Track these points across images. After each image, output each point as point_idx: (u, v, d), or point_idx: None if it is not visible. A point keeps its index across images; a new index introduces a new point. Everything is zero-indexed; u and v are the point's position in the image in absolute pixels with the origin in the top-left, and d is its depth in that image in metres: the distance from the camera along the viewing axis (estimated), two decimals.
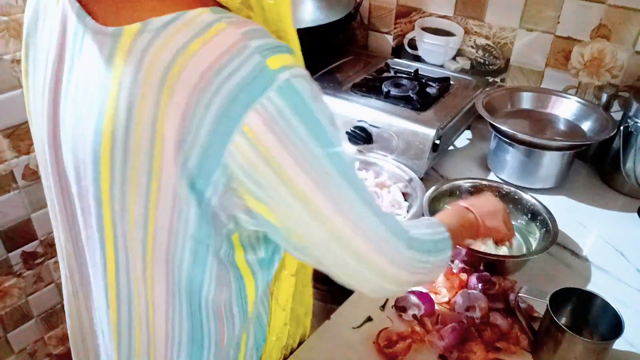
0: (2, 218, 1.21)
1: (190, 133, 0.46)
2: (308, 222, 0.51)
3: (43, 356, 1.45)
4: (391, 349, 0.75)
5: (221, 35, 0.46)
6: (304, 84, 0.48)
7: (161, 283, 0.56)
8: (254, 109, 0.45)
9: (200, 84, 0.45)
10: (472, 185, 1.04)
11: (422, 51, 1.45)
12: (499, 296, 0.82)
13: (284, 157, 0.47)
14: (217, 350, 0.63)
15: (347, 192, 0.52)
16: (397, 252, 0.57)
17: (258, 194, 0.49)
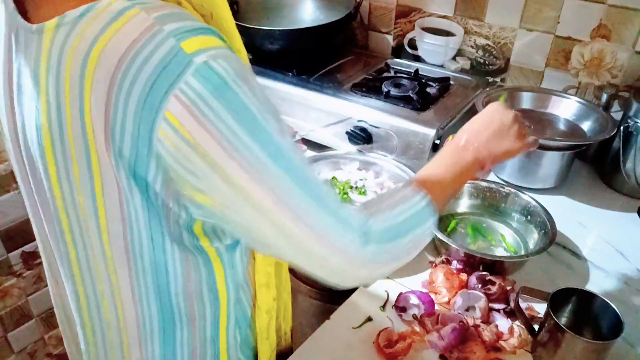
0: (2, 218, 1.21)
1: (117, 123, 0.46)
2: (248, 213, 0.50)
3: (43, 356, 1.45)
4: (391, 349, 0.75)
5: (133, 21, 0.45)
6: (225, 66, 0.46)
7: (124, 269, 0.56)
8: (173, 95, 0.44)
9: (117, 72, 0.45)
10: (472, 186, 1.04)
11: (422, 51, 1.45)
12: (499, 296, 0.82)
13: (210, 143, 0.46)
14: (190, 331, 0.62)
15: (285, 182, 0.49)
16: (351, 249, 0.54)
17: (194, 182, 0.48)
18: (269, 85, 1.26)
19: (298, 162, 0.51)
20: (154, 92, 0.44)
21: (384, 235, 0.57)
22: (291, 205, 0.50)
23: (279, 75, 1.29)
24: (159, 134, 0.45)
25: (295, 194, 0.50)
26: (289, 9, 1.51)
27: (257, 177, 0.48)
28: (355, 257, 0.54)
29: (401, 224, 0.59)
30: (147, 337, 0.61)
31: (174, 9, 0.48)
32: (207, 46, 0.46)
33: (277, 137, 0.49)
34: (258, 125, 0.47)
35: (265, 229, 0.51)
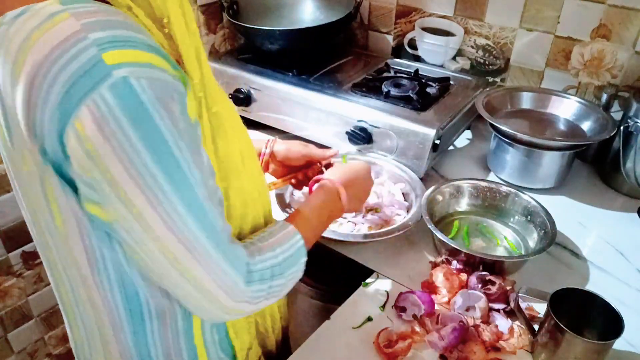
0: (2, 218, 1.21)
1: (36, 122, 0.46)
2: (138, 235, 0.50)
3: (43, 356, 1.45)
4: (391, 349, 0.75)
5: (60, 25, 0.45)
6: (146, 86, 0.45)
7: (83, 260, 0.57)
8: (85, 104, 0.44)
9: (38, 74, 0.45)
10: (472, 186, 1.04)
11: (422, 51, 1.45)
12: (499, 296, 0.82)
13: (111, 160, 0.45)
14: (161, 324, 0.63)
15: (183, 213, 0.49)
16: (236, 287, 0.55)
17: (89, 194, 0.49)
18: (269, 85, 1.26)
19: (200, 197, 0.51)
20: (68, 98, 0.44)
21: (264, 275, 0.59)
22: (183, 238, 0.50)
23: (279, 75, 1.29)
24: (67, 140, 0.46)
25: (191, 228, 0.50)
26: (289, 9, 1.51)
27: (154, 203, 0.48)
28: (238, 295, 0.56)
29: (281, 264, 0.62)
30: (119, 327, 0.62)
31: (111, 16, 0.47)
32: (131, 60, 0.45)
33: (185, 168, 0.49)
34: (167, 153, 0.47)
35: (154, 254, 0.52)
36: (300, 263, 0.65)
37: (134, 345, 0.63)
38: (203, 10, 1.42)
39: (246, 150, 0.65)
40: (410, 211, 1.01)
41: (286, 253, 0.63)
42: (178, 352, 0.66)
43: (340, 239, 0.93)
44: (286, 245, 0.64)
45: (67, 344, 1.50)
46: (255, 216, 0.68)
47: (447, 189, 1.03)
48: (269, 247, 0.62)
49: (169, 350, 0.65)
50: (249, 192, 0.65)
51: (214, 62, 1.36)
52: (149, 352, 0.64)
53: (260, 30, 1.28)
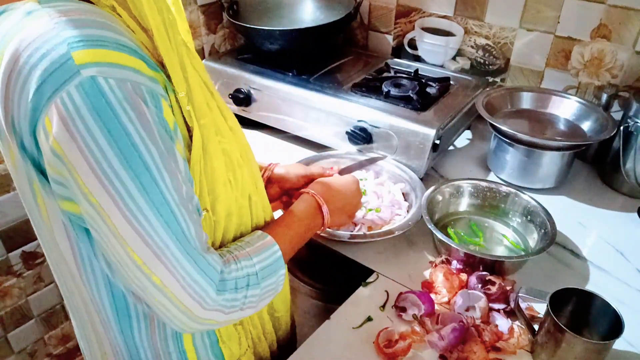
0: (2, 218, 1.21)
1: (14, 117, 0.47)
2: (105, 235, 0.49)
3: (43, 356, 1.45)
4: (391, 349, 0.75)
5: (35, 24, 0.46)
6: (114, 86, 0.45)
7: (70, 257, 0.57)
8: (54, 102, 0.44)
9: (13, 71, 0.46)
10: (472, 186, 1.04)
11: (422, 51, 1.45)
12: (499, 296, 0.82)
13: (77, 159, 0.45)
14: (147, 325, 0.62)
15: (150, 217, 0.48)
16: (205, 295, 0.54)
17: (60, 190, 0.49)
18: (269, 85, 1.26)
19: (169, 200, 0.50)
20: (39, 95, 0.44)
21: (239, 283, 0.58)
22: (151, 242, 0.49)
23: (279, 75, 1.29)
24: (38, 137, 0.46)
25: (158, 232, 0.49)
26: (289, 9, 1.51)
27: (120, 205, 0.47)
28: (208, 304, 0.55)
29: (257, 273, 0.60)
30: (108, 327, 0.62)
31: (87, 15, 0.47)
32: (101, 60, 0.45)
33: (153, 170, 0.48)
34: (133, 153, 0.46)
35: (121, 256, 0.50)
36: (279, 275, 0.64)
37: (123, 344, 0.63)
38: (203, 10, 1.42)
39: (238, 157, 0.63)
40: (410, 211, 1.01)
41: (263, 262, 0.62)
42: (167, 355, 0.65)
43: (340, 239, 0.93)
44: (263, 254, 0.62)
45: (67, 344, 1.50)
46: (245, 223, 0.67)
47: (447, 189, 1.03)
48: (245, 256, 0.61)
49: (157, 352, 0.64)
50: (236, 201, 0.64)
51: (214, 62, 1.36)
52: (139, 352, 0.64)
53: (260, 30, 1.28)
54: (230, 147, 0.62)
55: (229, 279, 0.57)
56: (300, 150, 1.26)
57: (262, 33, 1.28)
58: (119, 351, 0.64)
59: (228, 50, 1.54)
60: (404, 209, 1.04)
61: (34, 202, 0.55)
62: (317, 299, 1.13)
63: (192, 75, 0.54)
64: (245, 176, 0.65)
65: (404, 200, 1.06)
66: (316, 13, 1.50)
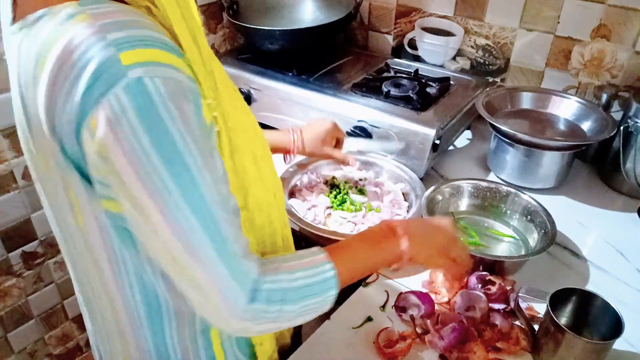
0: (2, 218, 1.21)
1: (57, 121, 0.47)
2: (147, 234, 0.50)
3: (43, 356, 1.45)
4: (391, 349, 0.75)
5: (79, 26, 0.46)
6: (159, 85, 0.45)
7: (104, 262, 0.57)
8: (101, 104, 0.44)
9: (59, 75, 0.46)
10: (472, 186, 1.04)
11: (422, 51, 1.45)
12: (499, 296, 0.82)
13: (120, 160, 0.46)
14: (178, 323, 0.63)
15: (190, 218, 0.49)
16: (236, 302, 0.53)
17: (102, 190, 0.50)
18: (269, 85, 1.26)
19: (209, 201, 0.50)
20: (87, 97, 0.45)
21: (273, 296, 0.56)
22: (188, 243, 0.50)
23: (279, 75, 1.29)
24: (83, 139, 0.47)
25: (196, 233, 0.50)
26: (289, 9, 1.51)
27: (161, 206, 0.48)
28: (238, 311, 0.54)
29: (295, 290, 0.57)
30: (138, 326, 0.62)
31: (127, 16, 0.48)
32: (147, 60, 0.45)
33: (194, 170, 0.48)
34: (176, 154, 0.47)
35: (162, 254, 0.52)
36: (327, 295, 0.60)
37: (153, 344, 0.64)
38: (203, 10, 1.42)
39: (261, 153, 0.64)
40: (410, 211, 1.01)
41: (308, 279, 0.58)
42: (195, 352, 0.66)
43: (340, 239, 0.93)
44: (310, 271, 0.59)
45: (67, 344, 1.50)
46: (273, 221, 0.67)
47: (447, 189, 1.03)
48: (287, 269, 0.58)
49: (186, 350, 0.65)
50: (264, 197, 0.64)
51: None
52: (167, 351, 0.64)
53: (260, 30, 1.28)
54: (255, 144, 0.63)
55: (262, 290, 0.55)
56: None
57: (262, 33, 1.28)
58: (146, 351, 0.64)
59: (228, 50, 1.54)
60: (404, 209, 1.04)
61: (68, 207, 0.55)
62: None
63: (219, 78, 0.55)
64: (269, 172, 0.66)
65: (404, 200, 1.06)
66: (316, 13, 1.50)
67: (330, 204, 1.05)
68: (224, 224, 0.52)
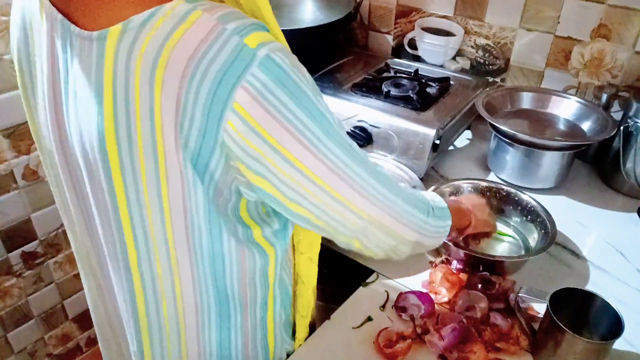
0: (2, 218, 1.21)
1: (186, 118, 0.49)
2: (313, 189, 0.54)
3: (43, 356, 1.45)
4: (391, 349, 0.75)
5: (198, 22, 0.48)
6: (283, 57, 0.50)
7: (185, 259, 0.59)
8: (241, 86, 0.47)
9: (187, 71, 0.47)
10: (472, 186, 1.04)
11: (422, 51, 1.45)
12: (499, 296, 0.82)
13: (276, 128, 0.49)
14: (242, 315, 0.67)
15: (349, 163, 0.55)
16: (423, 228, 0.65)
17: (256, 167, 0.52)
18: None
19: (354, 147, 0.57)
20: (222, 85, 0.47)
21: (440, 213, 0.71)
22: (352, 181, 0.56)
23: None
24: (226, 125, 0.49)
25: (361, 175, 0.57)
26: (289, 9, 1.51)
27: (325, 161, 0.53)
28: (424, 231, 0.67)
29: (434, 209, 0.70)
30: (205, 325, 0.65)
31: (228, 8, 0.51)
32: (266, 40, 0.50)
33: (330, 119, 0.54)
34: (315, 109, 0.52)
35: (331, 205, 0.56)
36: (446, 225, 0.73)
37: (217, 342, 0.66)
38: None
39: None
40: None
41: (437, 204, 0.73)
42: (254, 341, 0.70)
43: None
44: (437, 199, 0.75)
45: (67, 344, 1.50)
46: None
47: (447, 189, 1.03)
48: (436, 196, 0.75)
49: (247, 340, 0.69)
50: None
51: None
52: (230, 347, 0.68)
53: None
54: None
55: (435, 207, 0.70)
56: None
57: None
58: (208, 353, 0.67)
59: None
60: None
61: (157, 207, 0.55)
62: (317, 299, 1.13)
63: None
64: None
65: None
66: (316, 13, 1.50)
67: None
68: (373, 166, 0.59)
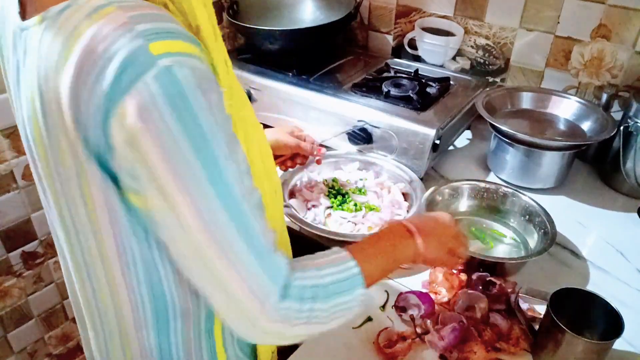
0: (2, 218, 1.21)
1: (82, 112, 0.47)
2: (173, 228, 0.49)
3: (43, 356, 1.45)
4: (391, 349, 0.75)
5: (108, 17, 0.46)
6: (188, 75, 0.46)
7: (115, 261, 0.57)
8: (131, 93, 0.45)
9: (85, 65, 0.46)
10: (472, 186, 1.04)
11: (422, 51, 1.45)
12: (499, 297, 0.82)
13: (151, 149, 0.46)
14: (184, 323, 0.63)
15: (219, 210, 0.48)
16: (268, 299, 0.51)
17: (129, 182, 0.49)
18: (269, 85, 1.26)
19: (237, 193, 0.49)
20: (115, 86, 0.45)
21: (305, 293, 0.54)
22: (219, 236, 0.49)
23: (279, 75, 1.29)
24: (111, 130, 0.46)
25: (225, 226, 0.49)
26: (289, 9, 1.51)
27: (190, 195, 0.47)
28: (270, 309, 0.52)
29: (325, 287, 0.56)
30: (142, 325, 0.62)
31: (152, 9, 0.49)
32: (175, 50, 0.46)
33: (222, 161, 0.48)
34: (205, 144, 0.47)
35: (187, 250, 0.50)
36: (355, 294, 0.58)
37: (156, 344, 0.63)
38: None
39: (264, 149, 0.65)
40: (410, 211, 1.01)
41: (335, 276, 0.57)
42: (198, 352, 0.66)
43: (340, 239, 0.93)
44: (336, 268, 0.58)
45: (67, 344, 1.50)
46: (274, 218, 0.66)
47: (446, 190, 1.03)
48: (314, 266, 0.57)
49: (190, 350, 0.65)
50: (269, 193, 0.64)
51: None
52: (170, 352, 0.64)
53: (260, 30, 1.28)
54: (260, 138, 0.63)
55: (294, 286, 0.53)
56: None
57: (262, 33, 1.28)
58: (148, 352, 0.64)
59: (228, 50, 1.52)
60: (404, 209, 1.04)
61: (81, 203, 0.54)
62: None
63: (231, 71, 0.56)
64: (271, 168, 0.66)
65: (404, 201, 1.06)
66: (316, 13, 1.50)
67: (330, 204, 1.05)
68: (252, 218, 0.51)
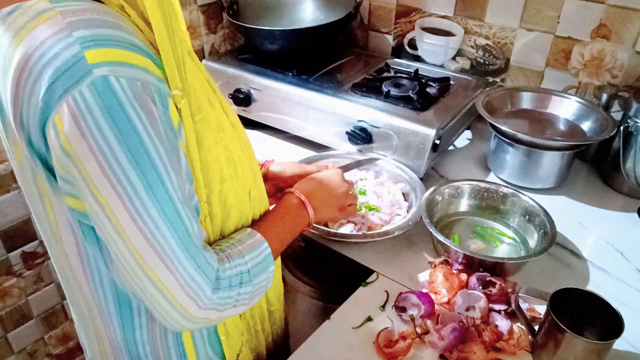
0: (2, 218, 1.21)
1: (24, 115, 0.48)
2: (109, 232, 0.50)
3: (43, 356, 1.45)
4: (391, 349, 0.75)
5: (49, 22, 0.46)
6: (125, 85, 0.45)
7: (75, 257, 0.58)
8: (65, 101, 0.45)
9: (25, 69, 0.46)
10: (472, 186, 1.04)
11: (422, 51, 1.45)
12: (500, 297, 0.82)
13: (86, 157, 0.46)
14: (148, 318, 0.63)
15: (154, 215, 0.49)
16: (202, 294, 0.54)
17: (66, 187, 0.50)
18: (269, 85, 1.26)
19: (174, 200, 0.50)
20: (51, 93, 0.45)
21: (234, 281, 0.59)
22: (153, 240, 0.50)
23: (279, 75, 1.29)
24: (48, 135, 0.47)
25: (161, 229, 0.50)
26: (289, 9, 1.51)
27: (126, 203, 0.48)
28: (204, 302, 0.55)
29: (249, 271, 0.61)
30: (108, 320, 0.62)
31: (99, 14, 0.48)
32: (113, 59, 0.45)
33: (160, 168, 0.48)
34: (142, 153, 0.47)
35: (124, 253, 0.51)
36: (269, 272, 0.65)
37: (122, 341, 0.64)
38: (203, 10, 1.42)
39: (238, 153, 0.64)
40: (410, 211, 1.01)
41: (254, 260, 0.62)
42: (166, 349, 0.66)
43: (340, 239, 0.93)
44: (254, 252, 0.63)
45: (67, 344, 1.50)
46: (245, 217, 0.68)
47: (446, 190, 1.03)
48: (237, 254, 0.61)
49: (156, 346, 0.65)
50: (238, 195, 0.65)
51: (213, 62, 1.36)
52: (137, 348, 0.64)
53: (260, 30, 1.28)
54: (232, 143, 0.63)
55: (224, 277, 0.57)
56: (301, 150, 1.26)
57: (262, 33, 1.28)
58: (117, 347, 0.65)
59: (228, 50, 1.54)
60: (404, 209, 1.04)
61: (39, 200, 0.56)
62: (317, 299, 1.13)
63: (192, 70, 0.54)
64: (245, 171, 0.66)
65: (404, 200, 1.06)
66: (316, 13, 1.50)
67: None
68: (187, 221, 0.52)
